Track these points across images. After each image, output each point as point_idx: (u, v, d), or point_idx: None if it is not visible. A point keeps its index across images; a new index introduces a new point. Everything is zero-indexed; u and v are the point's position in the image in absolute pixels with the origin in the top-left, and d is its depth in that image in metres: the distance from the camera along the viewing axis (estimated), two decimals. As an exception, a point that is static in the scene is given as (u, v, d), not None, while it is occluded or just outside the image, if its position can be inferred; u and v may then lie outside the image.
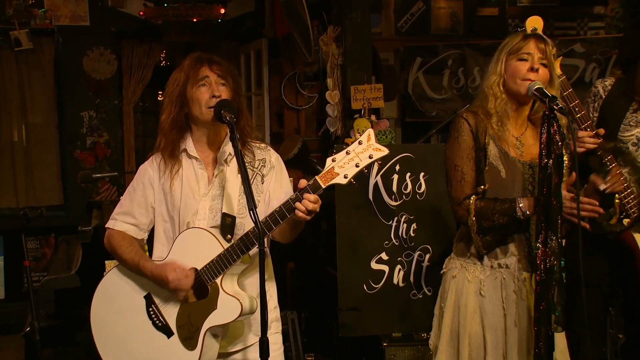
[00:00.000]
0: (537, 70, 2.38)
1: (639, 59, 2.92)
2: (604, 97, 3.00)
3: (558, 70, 2.60)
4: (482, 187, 2.38)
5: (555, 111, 2.20)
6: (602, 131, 2.67)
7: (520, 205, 2.32)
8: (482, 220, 2.36)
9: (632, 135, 2.92)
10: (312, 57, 5.24)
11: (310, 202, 2.20)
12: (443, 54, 6.58)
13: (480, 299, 2.45)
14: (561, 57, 2.62)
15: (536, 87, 2.30)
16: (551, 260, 2.22)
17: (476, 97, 2.54)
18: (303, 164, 5.36)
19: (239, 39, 6.87)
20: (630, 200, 2.78)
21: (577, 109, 2.67)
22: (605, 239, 2.90)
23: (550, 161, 2.20)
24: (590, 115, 2.92)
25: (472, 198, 2.37)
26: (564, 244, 3.35)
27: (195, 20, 6.41)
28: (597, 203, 2.42)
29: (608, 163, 2.66)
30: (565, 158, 2.49)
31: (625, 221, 2.83)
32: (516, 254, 2.44)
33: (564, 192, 2.33)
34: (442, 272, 2.63)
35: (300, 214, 2.21)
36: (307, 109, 6.05)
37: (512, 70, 2.42)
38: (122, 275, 2.56)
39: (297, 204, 2.20)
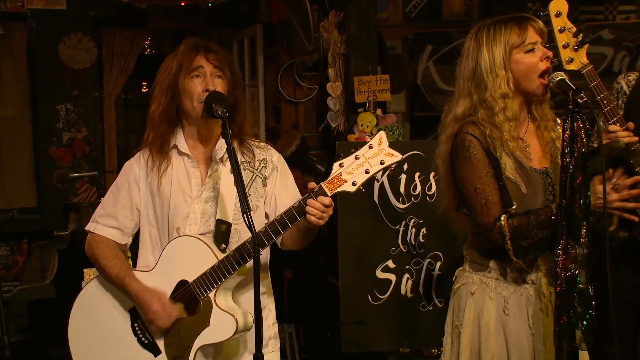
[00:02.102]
0: (549, 58, 2.38)
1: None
2: (628, 93, 3.00)
3: (584, 59, 2.60)
4: (513, 207, 2.34)
5: (580, 105, 2.20)
6: (632, 125, 2.67)
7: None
8: (520, 240, 2.31)
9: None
10: (311, 45, 5.25)
11: (325, 205, 2.20)
12: (456, 41, 6.57)
13: (503, 318, 2.43)
14: (587, 44, 2.61)
15: (558, 78, 2.30)
16: (572, 270, 2.22)
17: (466, 105, 2.47)
18: (302, 162, 5.37)
19: (232, 25, 6.88)
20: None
21: (605, 101, 2.67)
22: (638, 248, 2.91)
23: (573, 160, 2.20)
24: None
25: (502, 219, 2.32)
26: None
27: (183, 4, 6.43)
28: None
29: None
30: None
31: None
32: (543, 269, 2.43)
33: (598, 187, 2.28)
34: (455, 286, 2.59)
35: (314, 218, 2.21)
36: (306, 102, 6.06)
37: (524, 67, 2.39)
38: (104, 285, 2.56)
39: (309, 211, 2.20)
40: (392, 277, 3.98)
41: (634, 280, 3.00)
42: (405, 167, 3.98)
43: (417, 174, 3.99)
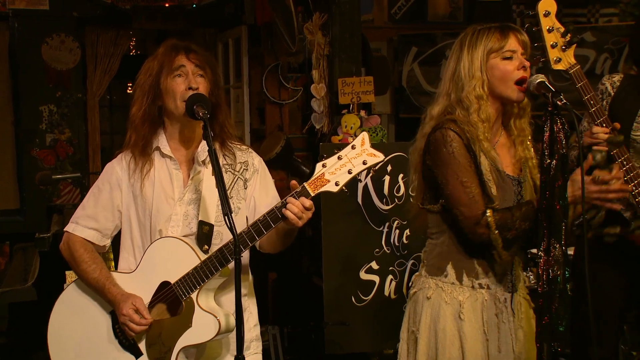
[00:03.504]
0: (525, 68, 2.40)
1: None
2: (612, 94, 3.02)
3: (572, 60, 2.62)
4: (495, 203, 2.36)
5: (559, 107, 2.22)
6: (618, 125, 2.69)
7: None
8: (505, 232, 2.32)
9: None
10: (296, 47, 5.25)
11: (306, 208, 2.21)
12: (441, 43, 6.62)
13: (459, 323, 2.44)
14: (575, 45, 2.63)
15: (538, 81, 2.31)
16: (554, 270, 2.23)
17: (443, 104, 2.49)
18: (287, 164, 5.37)
19: (217, 26, 6.87)
20: (643, 205, 2.81)
21: (592, 102, 2.69)
22: (620, 249, 2.93)
23: (554, 162, 2.22)
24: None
25: (488, 212, 2.33)
26: (572, 252, 3.42)
27: (167, 5, 6.41)
28: (620, 176, 2.38)
29: (616, 157, 2.66)
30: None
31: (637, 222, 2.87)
32: (498, 273, 2.46)
33: (579, 177, 2.28)
34: (412, 291, 2.60)
35: (293, 216, 2.21)
36: (291, 104, 6.07)
37: (500, 73, 2.41)
38: (84, 288, 2.55)
39: (289, 209, 2.20)
40: (376, 278, 3.99)
41: (617, 281, 3.03)
42: (389, 168, 3.99)
43: (401, 175, 4.01)
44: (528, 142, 2.53)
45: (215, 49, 6.84)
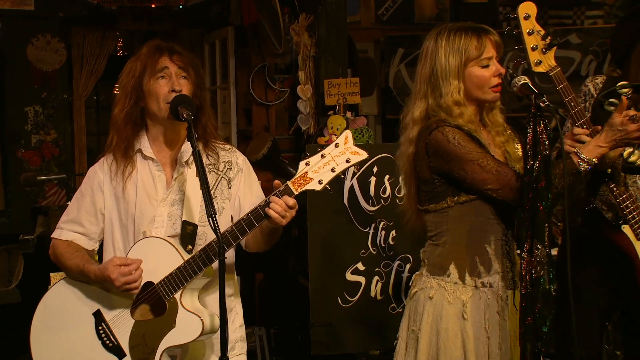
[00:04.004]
0: (502, 75, 2.42)
1: (631, 55, 2.98)
2: (595, 95, 3.04)
3: (552, 62, 2.63)
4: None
5: (542, 109, 2.23)
6: (599, 128, 2.70)
7: (582, 155, 2.31)
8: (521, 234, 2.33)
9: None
10: (282, 48, 5.25)
11: (289, 206, 2.21)
12: (427, 44, 6.62)
13: (462, 322, 2.44)
14: (555, 47, 2.64)
15: (521, 82, 2.32)
16: (537, 271, 2.24)
17: (422, 108, 2.49)
18: (273, 165, 5.37)
19: (203, 27, 6.86)
20: (630, 204, 2.83)
21: (572, 103, 2.69)
22: (604, 249, 2.95)
23: (537, 163, 2.23)
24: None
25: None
26: (555, 253, 3.43)
27: (153, 6, 6.40)
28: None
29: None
30: (518, 146, 2.56)
31: (624, 227, 2.88)
32: (500, 271, 2.46)
33: (620, 119, 2.32)
34: (412, 291, 2.59)
35: (276, 215, 2.21)
36: (277, 105, 6.06)
37: (477, 80, 2.43)
38: (67, 289, 2.54)
39: (272, 208, 2.21)
40: (362, 279, 3.99)
41: (601, 281, 3.04)
42: (375, 169, 4.00)
43: (387, 176, 4.01)
44: (502, 129, 2.55)
45: (201, 49, 6.83)
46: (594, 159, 2.33)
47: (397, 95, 6.72)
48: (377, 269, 4.01)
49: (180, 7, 6.51)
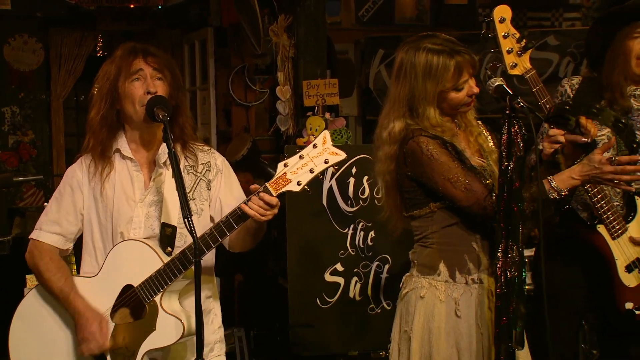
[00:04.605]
0: (475, 94, 2.46)
1: (605, 56, 3.01)
2: (571, 96, 3.08)
3: (528, 64, 2.66)
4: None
5: (517, 110, 2.25)
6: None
7: (553, 184, 2.33)
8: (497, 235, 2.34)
9: (602, 135, 3.00)
10: (262, 49, 5.25)
11: (271, 205, 2.22)
12: (407, 46, 6.64)
13: (455, 320, 2.45)
14: (530, 49, 2.67)
15: (496, 84, 2.34)
16: (512, 272, 2.26)
17: (401, 127, 2.49)
18: (253, 166, 5.37)
19: (182, 28, 6.84)
20: (604, 204, 2.86)
21: (547, 105, 2.73)
22: (580, 249, 2.97)
23: (511, 164, 2.25)
24: None
25: (494, 195, 2.34)
26: (532, 253, 3.46)
27: (132, 6, 6.37)
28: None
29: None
30: (489, 138, 2.58)
31: (599, 227, 2.91)
32: (488, 267, 2.47)
33: (599, 157, 2.35)
34: (403, 292, 2.59)
35: (254, 213, 2.22)
36: (257, 106, 6.06)
37: (452, 103, 2.47)
38: (46, 295, 2.52)
39: (250, 206, 2.21)
40: (341, 280, 4.00)
41: (577, 281, 3.07)
42: (354, 170, 4.01)
43: (366, 177, 4.02)
44: (475, 126, 2.58)
45: (181, 50, 6.80)
46: (564, 190, 2.36)
47: (378, 96, 6.73)
48: (356, 270, 4.02)
49: (160, 7, 6.48)
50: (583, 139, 2.49)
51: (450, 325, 2.45)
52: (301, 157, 2.19)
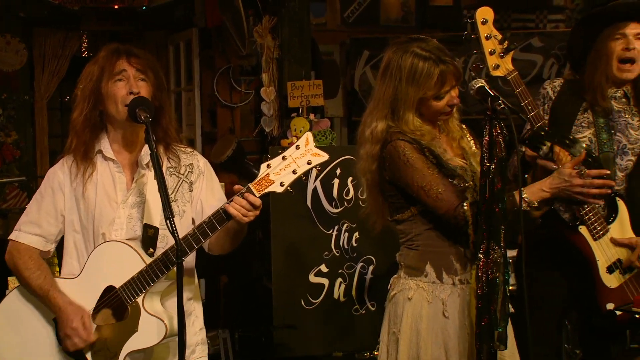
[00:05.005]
0: (455, 105, 2.48)
1: (587, 58, 3.03)
2: (553, 98, 3.10)
3: (510, 66, 2.67)
4: (468, 184, 2.39)
5: (498, 112, 2.26)
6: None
7: (524, 196, 2.35)
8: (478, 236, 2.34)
9: (584, 137, 3.03)
10: (246, 50, 5.25)
11: (255, 206, 2.22)
12: (393, 47, 6.65)
13: (443, 321, 2.46)
14: (513, 51, 2.68)
15: (478, 85, 2.35)
16: (493, 272, 2.27)
17: (383, 127, 2.50)
18: (238, 167, 5.36)
19: (167, 28, 6.82)
20: (586, 206, 2.88)
21: (530, 107, 2.74)
22: (562, 249, 2.99)
23: (493, 165, 2.26)
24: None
25: (465, 205, 2.36)
26: (515, 254, 3.48)
27: (116, 7, 6.34)
28: (608, 172, 2.51)
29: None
30: (472, 141, 2.60)
31: (581, 227, 2.93)
32: (475, 267, 2.48)
33: (569, 170, 2.39)
34: (391, 294, 2.59)
35: (237, 213, 2.22)
36: (243, 107, 6.05)
37: (434, 110, 2.48)
38: (27, 294, 2.51)
39: (233, 206, 2.22)
40: (325, 281, 4.01)
41: (560, 282, 3.09)
42: (338, 171, 4.02)
43: (350, 178, 4.03)
44: (457, 130, 2.59)
45: (166, 51, 6.79)
46: (534, 202, 2.39)
47: (363, 97, 6.74)
48: (340, 271, 4.03)
49: (144, 8, 6.46)
50: (553, 167, 2.54)
51: (438, 326, 2.46)
52: (284, 159, 2.20)
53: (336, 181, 4.02)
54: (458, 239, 2.47)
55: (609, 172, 2.59)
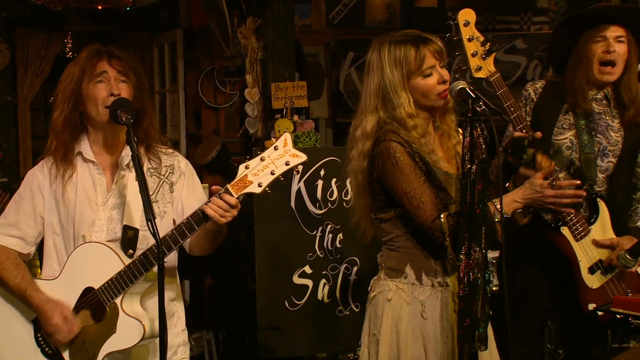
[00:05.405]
0: (446, 82, 2.45)
1: (568, 60, 3.05)
2: (535, 100, 3.11)
3: (492, 68, 2.69)
4: (451, 200, 2.40)
5: (479, 114, 2.27)
6: (539, 134, 2.77)
7: (497, 206, 2.36)
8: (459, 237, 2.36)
9: (565, 138, 3.04)
10: (230, 51, 5.24)
11: (231, 205, 2.22)
12: (377, 48, 6.67)
13: (421, 322, 2.47)
14: (495, 53, 2.70)
15: (459, 87, 2.36)
16: (475, 273, 2.28)
17: (374, 122, 2.50)
18: (223, 168, 5.36)
19: (152, 29, 6.80)
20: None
21: (512, 108, 2.76)
22: (545, 250, 3.01)
23: (474, 167, 2.27)
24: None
25: (442, 217, 2.36)
26: (497, 255, 3.49)
27: (100, 7, 6.31)
28: (579, 182, 2.55)
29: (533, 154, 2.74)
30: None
31: (563, 228, 2.95)
32: (455, 271, 2.47)
33: (540, 181, 2.42)
34: (371, 295, 2.60)
35: (214, 214, 2.22)
36: (228, 108, 6.04)
37: (422, 91, 2.46)
38: (4, 296, 2.50)
39: (210, 207, 2.21)
40: (309, 282, 4.00)
41: (542, 282, 3.10)
42: (322, 173, 4.01)
43: (334, 179, 4.03)
44: (453, 132, 2.58)
45: (150, 52, 6.78)
46: (507, 213, 2.41)
47: (348, 98, 6.76)
48: (324, 272, 4.03)
49: (128, 9, 6.43)
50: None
51: (417, 327, 2.47)
52: (262, 159, 2.20)
53: (320, 182, 4.02)
54: (435, 249, 2.48)
55: (579, 182, 2.63)
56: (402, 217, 2.49)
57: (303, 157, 2.20)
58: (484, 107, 2.25)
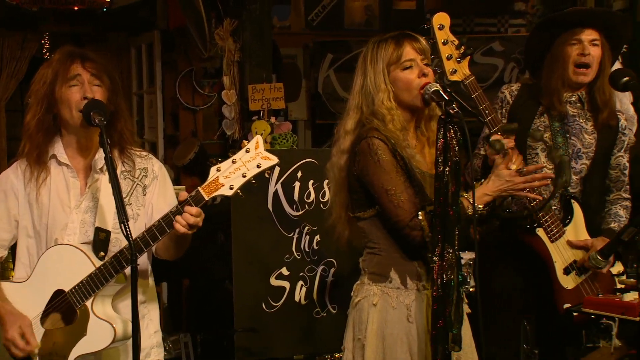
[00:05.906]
0: (426, 75, 2.45)
1: (544, 62, 3.08)
2: (511, 102, 3.14)
3: (467, 71, 2.70)
4: (430, 204, 2.39)
5: (452, 116, 2.28)
6: (515, 125, 2.78)
7: (471, 200, 2.35)
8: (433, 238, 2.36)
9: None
10: (208, 53, 5.23)
11: (192, 215, 2.21)
12: (356, 50, 6.68)
13: (407, 326, 2.47)
14: (469, 56, 2.71)
15: (433, 89, 2.37)
16: (448, 275, 2.29)
17: (356, 118, 2.53)
18: (200, 170, 5.34)
19: (129, 30, 6.76)
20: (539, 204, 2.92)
21: (487, 111, 2.78)
22: (521, 251, 3.03)
23: (447, 169, 2.28)
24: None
25: (420, 214, 2.37)
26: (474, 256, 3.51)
27: (76, 8, 6.25)
28: (544, 165, 2.59)
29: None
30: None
31: (538, 230, 2.97)
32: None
33: (507, 171, 2.44)
34: (355, 300, 2.60)
35: (181, 228, 2.21)
36: (206, 109, 6.03)
37: (402, 84, 2.46)
38: None
39: (177, 218, 2.21)
40: (286, 284, 3.99)
41: (516, 283, 3.12)
42: (299, 174, 4.01)
43: (311, 181, 4.03)
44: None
45: (128, 53, 6.73)
46: (480, 206, 2.42)
47: (326, 100, 6.77)
48: (301, 274, 4.02)
49: (105, 10, 6.39)
50: (512, 166, 2.56)
51: (404, 331, 2.47)
52: (234, 162, 2.20)
53: (297, 184, 4.01)
54: (415, 252, 2.48)
55: (544, 165, 2.69)
56: (380, 216, 2.49)
57: (274, 160, 2.20)
58: (457, 109, 2.26)
